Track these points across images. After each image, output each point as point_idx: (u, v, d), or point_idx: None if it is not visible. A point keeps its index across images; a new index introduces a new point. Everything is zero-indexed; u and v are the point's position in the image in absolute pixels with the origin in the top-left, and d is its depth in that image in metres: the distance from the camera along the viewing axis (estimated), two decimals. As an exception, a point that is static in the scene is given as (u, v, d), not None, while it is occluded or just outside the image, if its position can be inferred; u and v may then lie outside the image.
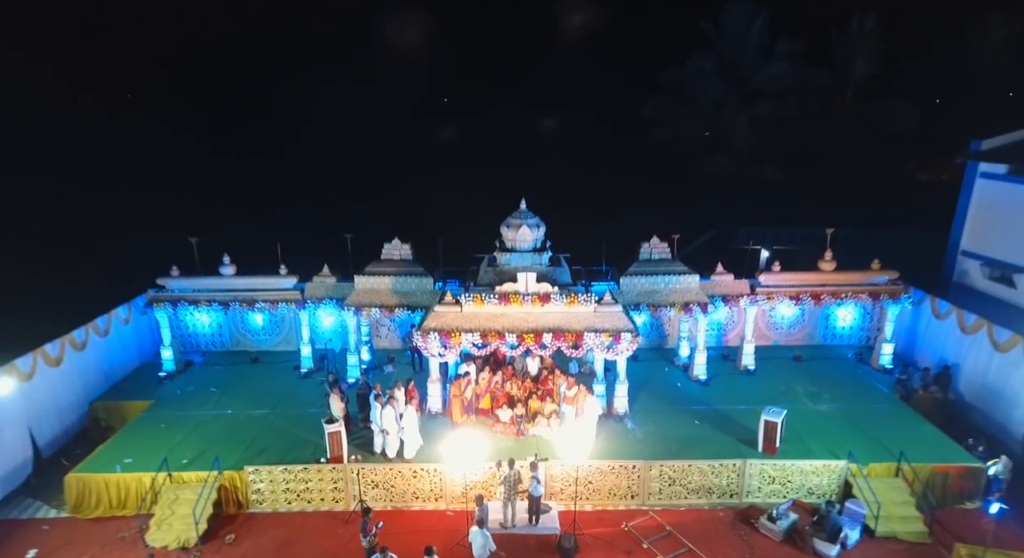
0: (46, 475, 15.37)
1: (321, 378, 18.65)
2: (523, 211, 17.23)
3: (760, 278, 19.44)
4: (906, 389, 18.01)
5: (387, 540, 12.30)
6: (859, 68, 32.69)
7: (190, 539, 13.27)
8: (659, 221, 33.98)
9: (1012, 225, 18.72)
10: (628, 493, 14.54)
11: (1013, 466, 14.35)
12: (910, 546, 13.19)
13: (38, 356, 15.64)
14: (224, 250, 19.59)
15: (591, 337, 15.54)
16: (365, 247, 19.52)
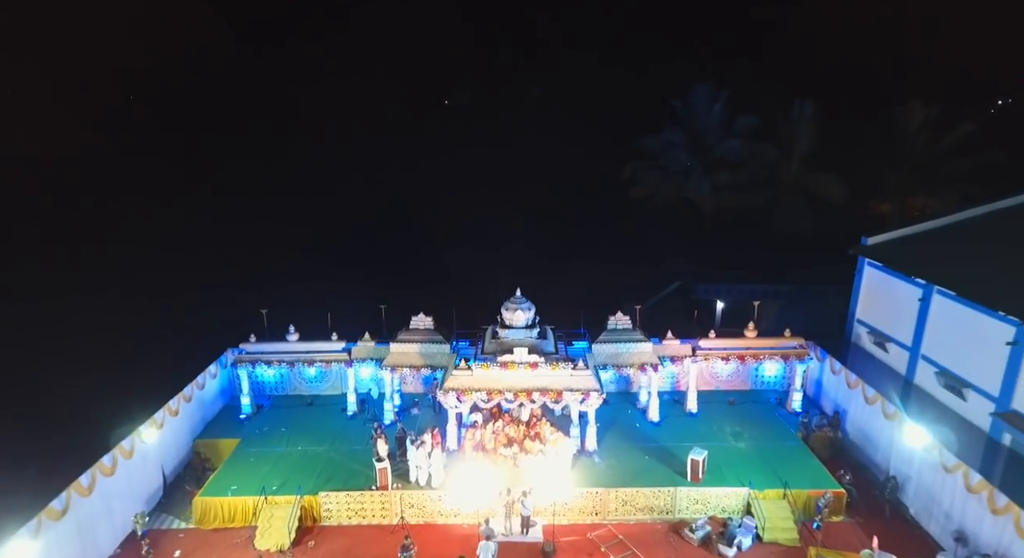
0: (172, 496, 21.14)
1: (364, 418, 24.54)
2: (518, 298, 23.03)
3: (700, 342, 25.31)
4: (807, 429, 23.83)
5: (419, 545, 17.99)
6: (800, 145, 38.64)
7: (284, 544, 18.96)
8: (633, 273, 40.24)
9: (885, 304, 24.59)
10: (593, 511, 20.30)
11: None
12: (786, 549, 18.91)
13: (165, 411, 21.36)
14: (288, 319, 25.48)
15: (568, 394, 21.33)
16: (396, 312, 25.41)
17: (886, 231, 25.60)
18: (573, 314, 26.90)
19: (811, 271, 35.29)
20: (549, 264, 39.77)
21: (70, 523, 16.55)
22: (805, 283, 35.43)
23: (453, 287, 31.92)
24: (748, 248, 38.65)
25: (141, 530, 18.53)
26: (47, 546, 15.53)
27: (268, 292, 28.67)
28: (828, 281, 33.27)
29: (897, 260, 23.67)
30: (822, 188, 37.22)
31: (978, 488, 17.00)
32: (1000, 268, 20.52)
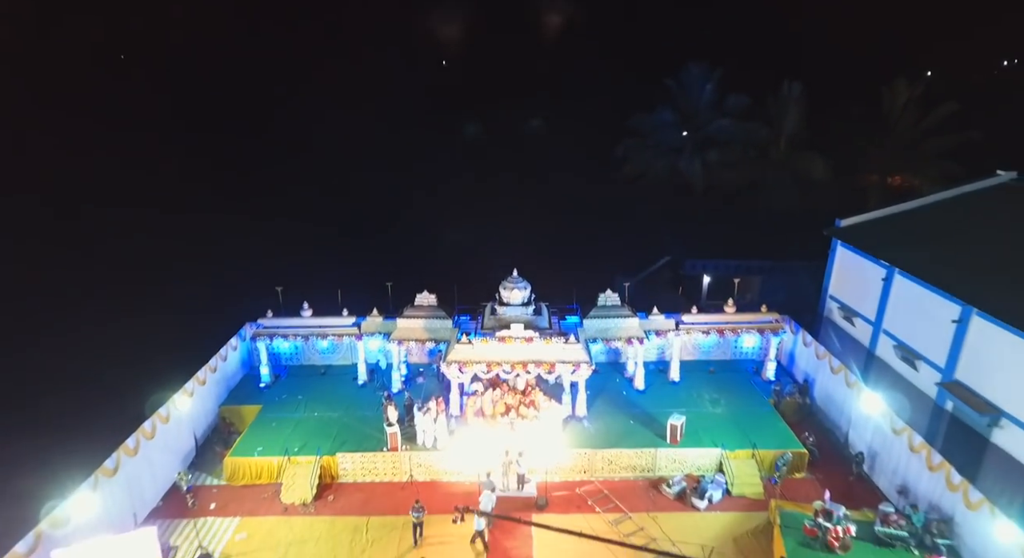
0: (203, 457, 23.50)
1: (374, 387, 26.79)
2: (515, 278, 24.99)
3: (683, 317, 27.39)
4: (778, 396, 26.13)
5: (425, 499, 20.32)
6: (788, 124, 40.03)
7: (307, 498, 21.34)
8: (625, 248, 42.17)
9: (854, 281, 26.59)
10: (582, 469, 22.65)
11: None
12: (752, 501, 21.28)
13: (194, 381, 23.54)
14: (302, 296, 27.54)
15: (560, 366, 23.50)
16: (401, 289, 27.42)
17: (868, 209, 27.40)
18: (567, 289, 28.94)
19: (795, 247, 37.14)
20: (545, 241, 41.62)
21: (121, 479, 18.85)
22: (788, 259, 37.30)
23: (454, 265, 33.83)
24: (736, 225, 40.47)
25: (186, 485, 20.97)
26: (104, 498, 17.82)
27: (283, 271, 30.49)
28: (810, 257, 35.14)
29: (865, 242, 25.58)
30: (808, 167, 38.81)
31: (919, 448, 19.29)
32: (954, 251, 22.47)
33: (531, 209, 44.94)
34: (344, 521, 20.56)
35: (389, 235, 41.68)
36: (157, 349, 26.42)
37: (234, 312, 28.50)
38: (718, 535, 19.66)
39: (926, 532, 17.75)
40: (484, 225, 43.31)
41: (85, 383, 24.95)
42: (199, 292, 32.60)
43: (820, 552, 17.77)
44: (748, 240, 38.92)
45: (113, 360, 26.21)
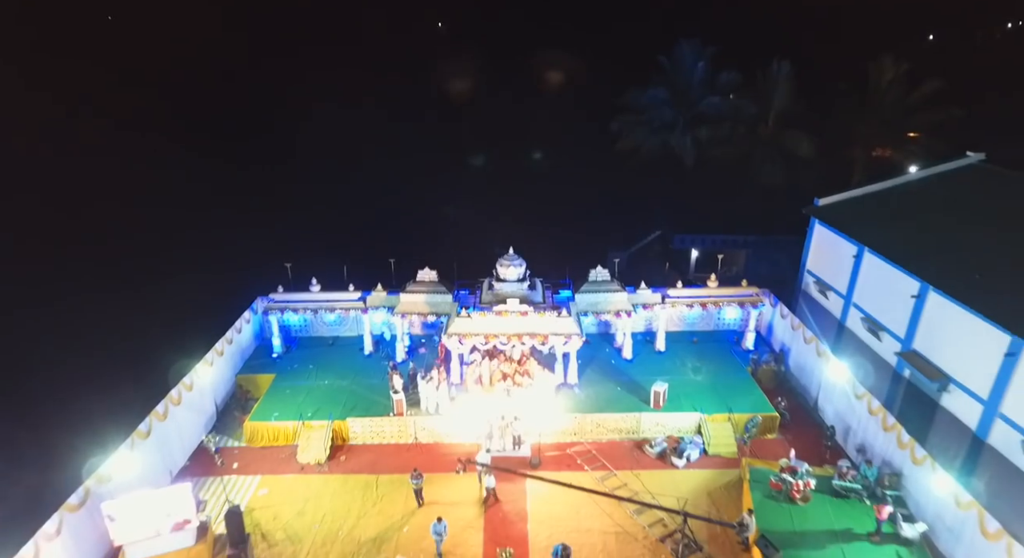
0: (223, 421, 25.49)
1: (379, 357, 28.66)
2: (511, 255, 26.60)
3: (668, 292, 29.17)
4: (756, 364, 28.10)
5: (429, 459, 22.42)
6: (776, 102, 41.15)
7: (321, 459, 23.39)
8: (618, 222, 43.71)
9: (829, 257, 28.31)
10: (572, 432, 24.70)
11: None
12: (726, 460, 23.39)
13: (213, 352, 25.35)
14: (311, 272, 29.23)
15: (553, 338, 25.32)
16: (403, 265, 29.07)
17: (852, 185, 28.96)
18: (562, 263, 30.63)
19: (781, 222, 38.67)
20: (541, 216, 43.12)
21: (153, 441, 20.79)
22: (773, 234, 38.87)
23: (453, 241, 35.41)
24: (724, 200, 41.96)
25: (214, 447, 23.01)
26: (140, 457, 19.77)
27: (291, 248, 32.06)
28: (794, 232, 36.69)
29: (839, 220, 27.21)
30: (794, 144, 40.08)
31: (876, 411, 21.31)
32: (919, 231, 24.13)
33: (528, 184, 46.30)
34: (356, 479, 22.63)
35: (391, 213, 43.06)
36: (177, 323, 28.13)
37: (246, 288, 30.17)
38: (694, 490, 21.79)
39: (878, 485, 19.88)
40: (482, 202, 44.75)
41: (115, 354, 26.78)
42: (213, 269, 34.17)
43: (783, 504, 19.91)
44: (736, 215, 40.40)
45: (139, 334, 27.97)
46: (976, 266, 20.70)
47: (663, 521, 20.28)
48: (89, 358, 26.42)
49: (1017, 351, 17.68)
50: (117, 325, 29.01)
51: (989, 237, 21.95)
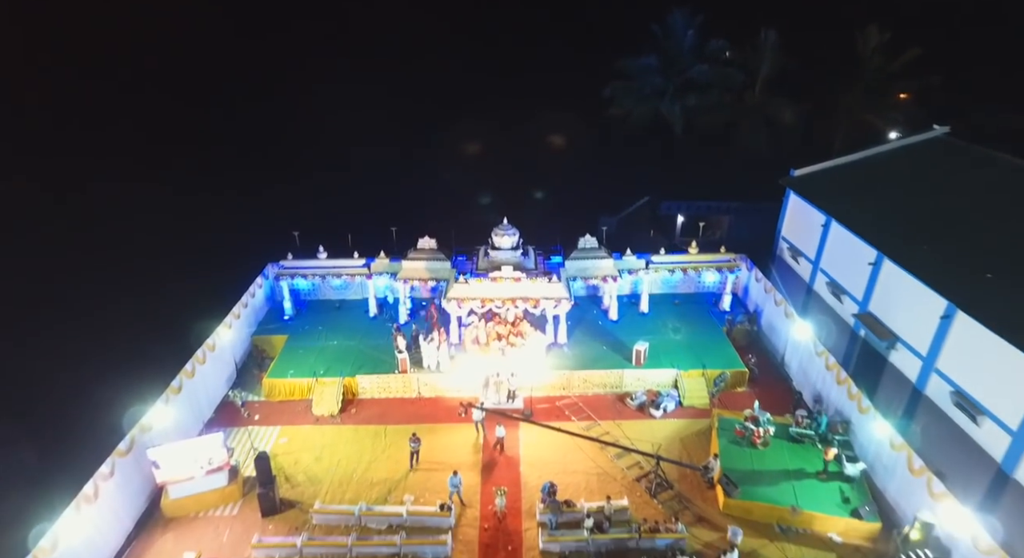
0: (243, 378, 27.90)
1: (383, 319, 30.93)
2: (505, 225, 28.53)
3: (652, 258, 31.30)
4: (731, 324, 30.48)
5: (432, 411, 24.92)
6: (763, 70, 42.32)
7: (334, 411, 25.90)
8: (610, 188, 45.40)
9: (801, 225, 30.34)
10: (561, 387, 27.20)
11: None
12: (699, 410, 26.01)
13: (231, 316, 27.56)
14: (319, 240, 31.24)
15: (544, 301, 27.56)
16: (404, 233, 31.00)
17: (833, 151, 30.71)
18: (554, 228, 32.67)
19: (764, 189, 40.41)
20: (535, 182, 44.82)
21: (184, 396, 23.17)
22: (756, 200, 40.66)
23: (451, 210, 37.25)
24: (710, 167, 43.65)
25: (240, 401, 25.50)
26: (174, 410, 22.16)
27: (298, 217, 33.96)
28: (775, 198, 38.46)
29: (811, 191, 29.13)
30: (779, 112, 41.51)
31: (832, 367, 23.78)
32: (881, 202, 26.11)
33: (524, 150, 47.77)
34: (366, 429, 25.19)
35: (391, 183, 44.63)
36: (198, 289, 30.27)
37: (256, 255, 32.18)
38: (668, 437, 24.42)
39: (829, 431, 22.49)
40: (479, 170, 46.33)
41: (140, 318, 29.00)
42: (225, 238, 36.09)
43: (745, 448, 22.52)
44: (721, 182, 42.11)
45: (166, 299, 30.19)
46: (927, 237, 22.79)
47: (640, 464, 22.96)
48: (124, 322, 28.69)
49: (951, 314, 19.96)
50: (144, 291, 31.27)
51: (942, 209, 23.96)
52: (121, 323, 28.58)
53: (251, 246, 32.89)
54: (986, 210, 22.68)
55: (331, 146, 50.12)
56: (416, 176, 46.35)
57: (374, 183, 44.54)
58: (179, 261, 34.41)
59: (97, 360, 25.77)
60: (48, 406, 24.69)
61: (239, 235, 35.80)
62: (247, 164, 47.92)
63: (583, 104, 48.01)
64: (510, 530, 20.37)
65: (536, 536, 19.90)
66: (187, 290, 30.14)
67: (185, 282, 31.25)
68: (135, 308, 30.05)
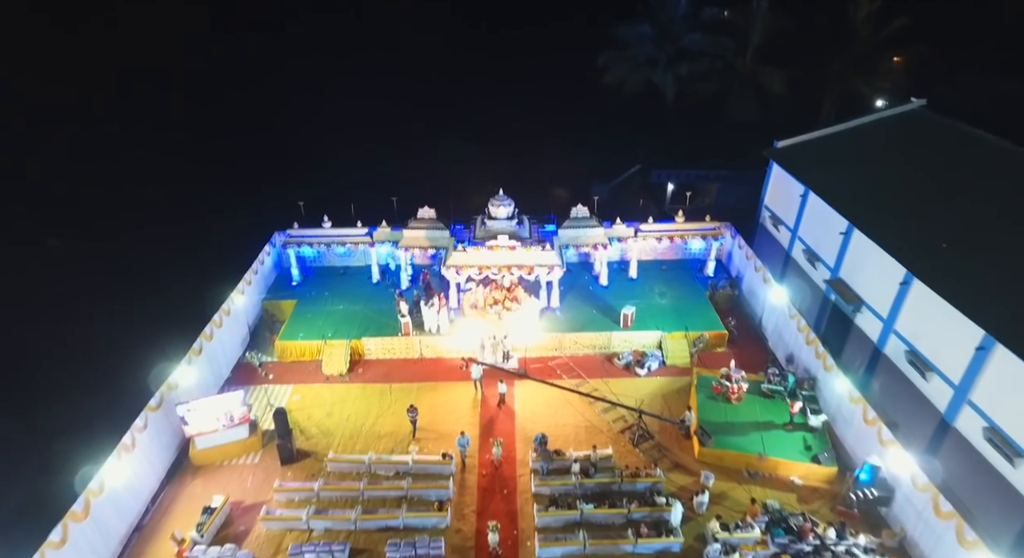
0: (256, 340, 29.82)
1: (386, 284, 32.70)
2: (501, 196, 30.00)
3: (640, 226, 32.92)
4: (714, 289, 32.33)
5: (433, 371, 26.93)
6: (754, 38, 43.05)
7: (342, 370, 27.90)
8: (603, 156, 46.62)
9: (783, 195, 31.85)
10: (553, 348, 29.16)
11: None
12: (681, 369, 28.05)
13: (243, 282, 29.28)
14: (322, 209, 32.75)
15: (538, 268, 29.29)
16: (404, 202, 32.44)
17: (820, 122, 31.95)
18: (548, 195, 34.16)
19: (753, 157, 41.64)
20: (530, 148, 45.92)
21: (204, 358, 25.05)
22: (744, 168, 41.94)
23: (450, 180, 38.57)
24: (701, 135, 44.81)
25: (258, 361, 27.47)
26: (196, 370, 24.09)
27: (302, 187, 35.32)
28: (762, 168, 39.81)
29: (792, 162, 30.54)
30: (769, 80, 42.43)
31: (803, 329, 25.73)
32: (855, 174, 27.61)
33: (520, 119, 48.73)
34: (372, 387, 27.24)
35: (390, 153, 45.71)
36: (211, 257, 31.97)
37: (263, 224, 33.70)
38: (651, 393, 26.51)
39: (797, 387, 24.57)
40: (475, 137, 47.40)
41: (165, 285, 30.86)
42: (234, 208, 37.54)
43: (721, 403, 24.63)
44: (710, 150, 43.34)
45: (182, 267, 31.93)
46: (895, 208, 24.40)
47: (624, 417, 25.10)
48: (146, 289, 30.61)
49: (909, 280, 21.75)
50: (161, 261, 32.98)
51: (912, 182, 25.47)
52: (146, 289, 30.55)
53: (259, 216, 34.35)
54: (952, 183, 24.21)
55: (332, 120, 51.09)
56: (415, 146, 47.40)
57: (374, 154, 45.63)
58: (192, 231, 35.94)
59: (127, 323, 27.69)
60: (88, 364, 26.52)
61: (246, 206, 37.20)
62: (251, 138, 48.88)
63: (578, 72, 48.79)
64: (506, 476, 22.58)
65: (529, 481, 22.08)
66: (201, 259, 31.83)
67: (199, 252, 32.89)
68: (156, 276, 31.84)
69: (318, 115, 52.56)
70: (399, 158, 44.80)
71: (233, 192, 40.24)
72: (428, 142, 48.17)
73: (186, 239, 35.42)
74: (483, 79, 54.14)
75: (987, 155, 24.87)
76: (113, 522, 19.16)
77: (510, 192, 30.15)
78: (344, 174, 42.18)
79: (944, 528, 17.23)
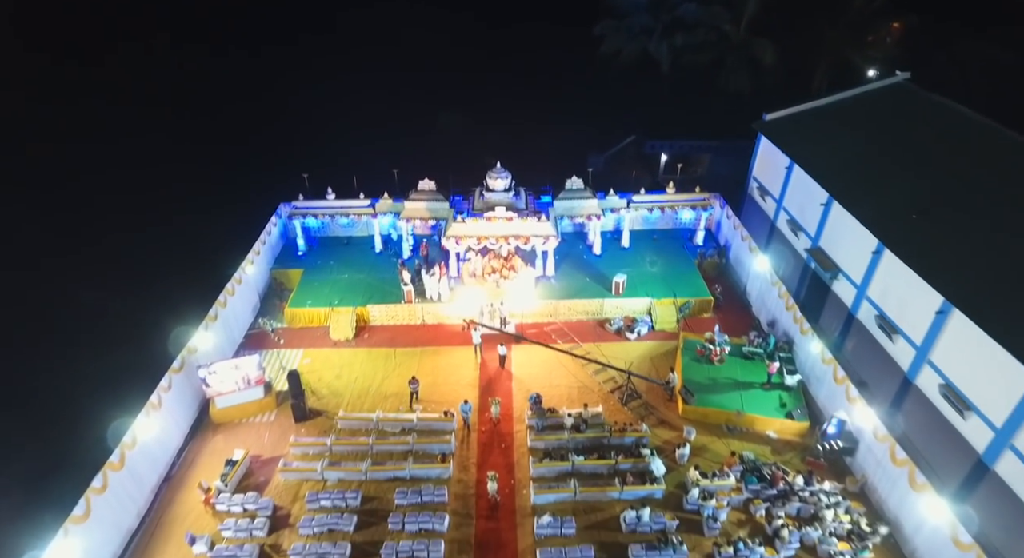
0: (265, 306, 31.39)
1: (388, 254, 34.11)
2: (498, 169, 31.18)
3: (633, 197, 34.19)
4: (702, 258, 33.79)
5: (435, 336, 28.59)
6: (749, 7, 43.53)
7: (349, 336, 29.52)
8: (599, 127, 47.52)
9: (770, 167, 33.05)
10: (548, 314, 30.76)
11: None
12: (668, 333, 29.73)
13: (253, 252, 30.67)
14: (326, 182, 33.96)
15: (534, 239, 30.67)
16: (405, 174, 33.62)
17: (812, 90, 32.90)
18: (545, 165, 35.30)
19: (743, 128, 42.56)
20: (527, 121, 46.78)
21: (219, 324, 26.60)
22: (736, 139, 42.93)
23: (449, 152, 39.62)
24: (694, 106, 45.66)
25: (271, 328, 29.08)
26: (212, 335, 25.63)
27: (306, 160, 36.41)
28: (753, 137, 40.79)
29: (778, 135, 31.65)
30: (761, 52, 43.13)
31: (784, 295, 27.30)
32: (838, 147, 28.76)
33: (517, 92, 49.52)
34: (378, 351, 28.90)
35: (391, 127, 46.59)
36: (220, 229, 33.29)
37: (268, 195, 34.93)
38: (640, 356, 28.20)
39: (776, 349, 26.26)
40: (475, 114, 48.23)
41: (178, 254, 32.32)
42: (240, 181, 38.71)
43: (704, 364, 26.34)
44: (704, 121, 44.28)
45: (194, 237, 33.31)
46: (871, 180, 25.69)
47: (614, 379, 26.82)
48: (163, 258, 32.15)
49: (880, 250, 23.21)
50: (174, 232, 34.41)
51: (892, 155, 26.67)
52: (164, 259, 32.13)
53: (265, 188, 35.55)
54: (927, 157, 25.44)
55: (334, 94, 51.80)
56: (415, 120, 48.22)
57: (375, 128, 46.52)
58: (202, 205, 37.18)
59: (144, 291, 29.26)
60: (115, 330, 28.13)
61: (252, 178, 38.38)
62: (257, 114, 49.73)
63: (575, 45, 49.32)
64: (503, 432, 24.40)
65: (525, 436, 23.89)
66: (213, 231, 33.18)
67: (212, 225, 34.25)
68: (170, 248, 33.30)
69: (321, 91, 53.22)
70: (400, 131, 45.72)
71: (241, 166, 41.34)
72: (428, 116, 48.99)
73: (196, 211, 36.65)
74: (480, 52, 54.64)
75: (961, 129, 26.06)
76: (146, 472, 21.01)
77: (507, 164, 31.35)
78: (346, 147, 43.18)
79: (899, 474, 19.08)
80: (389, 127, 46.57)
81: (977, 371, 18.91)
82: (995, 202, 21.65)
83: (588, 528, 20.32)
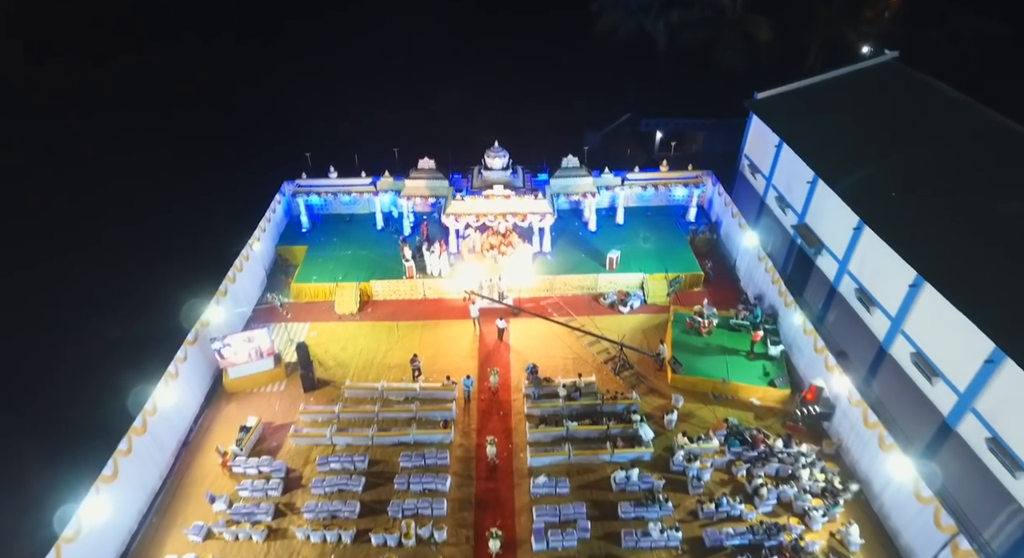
0: (272, 281, 32.54)
1: (390, 231, 35.14)
2: (496, 148, 32.06)
3: (627, 175, 35.11)
4: (694, 234, 34.85)
5: (436, 310, 29.81)
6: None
7: (353, 310, 30.73)
8: (595, 105, 48.12)
9: (761, 145, 33.92)
10: (545, 289, 31.92)
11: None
12: (660, 307, 30.90)
13: (259, 230, 31.70)
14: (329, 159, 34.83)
15: (531, 216, 31.69)
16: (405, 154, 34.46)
17: (807, 67, 33.61)
18: (542, 143, 36.10)
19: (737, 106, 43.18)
20: (525, 99, 47.35)
21: (230, 298, 27.76)
22: (730, 116, 43.54)
23: (448, 131, 40.35)
24: (690, 83, 46.19)
25: (279, 302, 30.28)
26: (223, 309, 26.82)
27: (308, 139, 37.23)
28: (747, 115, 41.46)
29: (769, 114, 32.43)
30: (757, 28, 43.54)
31: (770, 270, 28.46)
32: (825, 126, 29.62)
33: (515, 71, 49.94)
34: (381, 325, 30.14)
35: (390, 106, 47.18)
36: (225, 207, 34.26)
37: (271, 174, 35.82)
38: (632, 328, 29.45)
39: (761, 321, 27.51)
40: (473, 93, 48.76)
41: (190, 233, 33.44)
42: (244, 161, 39.53)
43: (693, 336, 27.63)
44: (699, 98, 44.82)
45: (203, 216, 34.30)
46: (855, 158, 26.63)
47: (607, 350, 28.11)
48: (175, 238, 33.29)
49: (861, 226, 24.30)
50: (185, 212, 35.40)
51: (877, 135, 27.54)
52: (174, 234, 33.29)
53: (268, 167, 36.42)
54: (910, 135, 26.35)
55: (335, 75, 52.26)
56: (415, 99, 48.78)
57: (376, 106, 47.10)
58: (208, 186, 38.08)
59: (159, 267, 30.43)
60: (131, 302, 29.30)
61: (255, 158, 39.20)
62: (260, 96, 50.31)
63: (572, 24, 49.63)
64: (501, 400, 25.77)
65: (522, 404, 25.26)
66: (220, 210, 34.20)
67: (218, 205, 35.19)
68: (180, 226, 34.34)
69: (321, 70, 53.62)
70: (400, 111, 46.32)
71: (244, 146, 42.10)
72: (427, 95, 49.51)
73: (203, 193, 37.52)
74: (478, 30, 54.88)
75: (945, 109, 26.92)
76: (166, 437, 22.42)
77: (504, 143, 32.21)
78: (347, 126, 43.86)
79: (870, 436, 20.47)
80: (389, 106, 47.14)
81: (945, 340, 20.17)
82: (972, 180, 22.68)
83: (581, 488, 21.82)
